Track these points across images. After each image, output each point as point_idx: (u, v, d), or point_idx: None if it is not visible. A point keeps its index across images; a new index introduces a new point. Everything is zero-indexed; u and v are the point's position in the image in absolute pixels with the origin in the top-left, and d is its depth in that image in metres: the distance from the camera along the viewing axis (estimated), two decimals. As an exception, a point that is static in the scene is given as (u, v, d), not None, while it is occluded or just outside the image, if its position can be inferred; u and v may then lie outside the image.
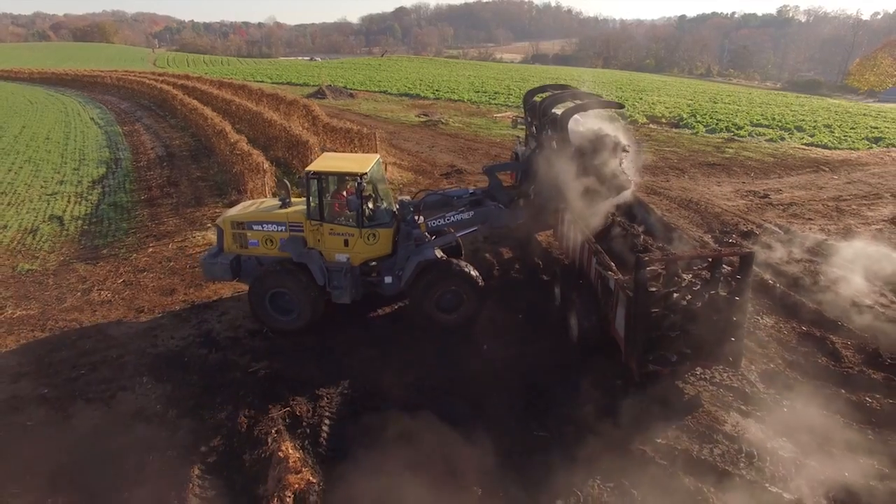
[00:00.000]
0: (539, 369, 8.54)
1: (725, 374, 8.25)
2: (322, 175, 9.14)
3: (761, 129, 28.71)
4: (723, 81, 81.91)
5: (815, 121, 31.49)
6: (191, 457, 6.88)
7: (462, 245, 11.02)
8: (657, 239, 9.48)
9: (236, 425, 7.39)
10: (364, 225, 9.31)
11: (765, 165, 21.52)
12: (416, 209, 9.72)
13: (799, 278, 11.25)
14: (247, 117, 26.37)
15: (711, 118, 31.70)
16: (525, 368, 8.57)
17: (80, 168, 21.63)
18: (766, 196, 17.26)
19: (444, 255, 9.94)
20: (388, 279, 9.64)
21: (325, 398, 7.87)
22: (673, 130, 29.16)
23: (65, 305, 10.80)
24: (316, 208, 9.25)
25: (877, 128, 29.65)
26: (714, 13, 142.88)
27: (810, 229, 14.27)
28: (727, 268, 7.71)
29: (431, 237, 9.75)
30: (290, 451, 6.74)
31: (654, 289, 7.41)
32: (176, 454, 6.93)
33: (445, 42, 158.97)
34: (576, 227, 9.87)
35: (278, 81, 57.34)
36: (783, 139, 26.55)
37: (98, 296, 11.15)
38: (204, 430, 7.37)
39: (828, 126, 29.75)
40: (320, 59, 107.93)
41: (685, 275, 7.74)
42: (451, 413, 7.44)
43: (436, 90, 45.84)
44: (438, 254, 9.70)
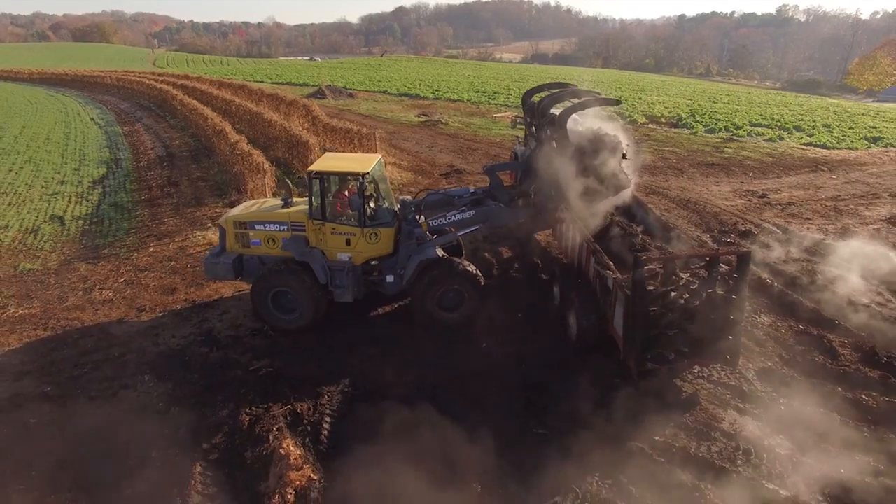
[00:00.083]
0: (538, 368, 8.61)
1: (723, 372, 8.31)
2: (324, 175, 9.19)
3: (760, 129, 28.76)
4: (722, 81, 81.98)
5: (814, 120, 31.55)
6: (193, 454, 6.93)
7: (463, 244, 11.08)
8: (655, 238, 9.54)
9: (238, 423, 7.45)
10: (366, 224, 9.37)
11: (763, 165, 21.58)
12: (418, 208, 9.79)
13: (797, 277, 11.32)
14: (247, 117, 26.40)
15: (710, 118, 31.75)
16: (524, 367, 8.65)
17: (81, 168, 21.66)
18: (765, 196, 17.33)
19: (445, 255, 10.01)
20: (390, 278, 9.71)
21: (326, 396, 7.93)
22: (672, 130, 29.22)
23: (66, 304, 10.86)
24: (318, 208, 9.30)
25: (875, 127, 29.73)
26: (714, 13, 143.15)
27: (808, 229, 14.33)
28: (725, 267, 7.79)
29: (433, 236, 9.81)
30: (292, 449, 6.80)
31: (652, 287, 7.49)
32: (178, 451, 6.98)
33: (445, 42, 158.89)
34: (575, 227, 9.92)
35: (278, 81, 57.35)
36: (782, 139, 26.60)
37: (99, 295, 11.21)
38: (206, 428, 7.43)
39: (827, 126, 29.81)
40: (320, 59, 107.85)
41: (683, 274, 7.81)
42: (451, 411, 7.50)
43: (435, 90, 45.88)
44: (440, 253, 9.76)
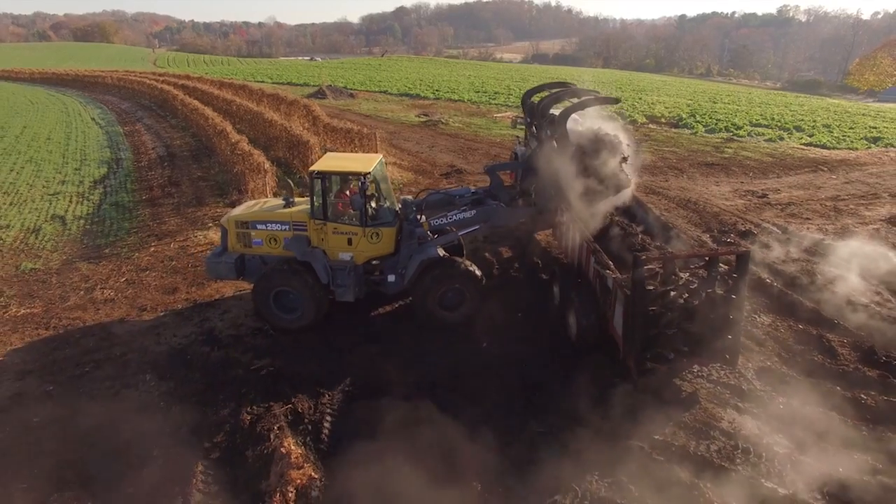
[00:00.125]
0: (538, 367, 8.64)
1: (722, 372, 8.34)
2: (326, 174, 9.22)
3: (760, 129, 28.78)
4: (723, 81, 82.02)
5: (815, 121, 31.57)
6: (194, 452, 6.97)
7: (463, 244, 11.11)
8: (655, 238, 9.56)
9: (239, 422, 7.49)
10: (367, 224, 9.41)
11: (763, 165, 21.61)
12: (419, 208, 9.82)
13: (796, 277, 11.35)
14: (247, 117, 26.43)
15: (711, 118, 31.77)
16: (524, 366, 8.68)
17: (82, 168, 21.70)
18: (765, 196, 17.35)
19: (447, 254, 10.03)
20: (392, 277, 9.74)
21: (327, 395, 7.97)
22: (672, 130, 29.24)
23: (68, 304, 10.90)
24: (320, 207, 9.33)
25: (875, 127, 29.75)
26: (714, 13, 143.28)
27: (808, 229, 14.35)
28: (724, 266, 7.81)
29: (434, 236, 9.85)
30: (293, 447, 6.84)
31: (652, 287, 7.51)
32: (179, 450, 7.01)
33: (445, 42, 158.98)
34: (575, 227, 9.95)
35: (279, 81, 57.39)
36: (782, 139, 26.62)
37: (101, 294, 11.25)
38: (207, 427, 7.46)
39: (827, 126, 29.83)
40: (320, 59, 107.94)
41: (682, 273, 7.84)
42: (452, 409, 7.53)
43: (436, 90, 45.90)
44: (441, 252, 9.79)
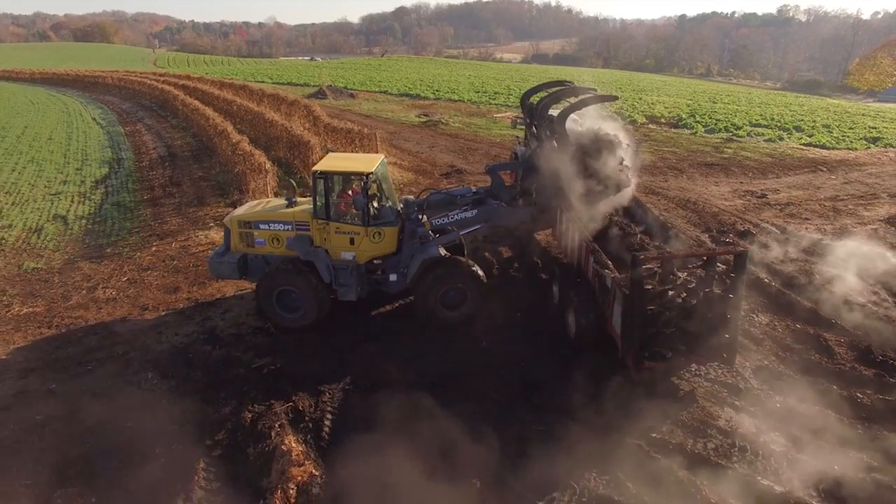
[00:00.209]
0: (537, 365, 8.70)
1: (720, 370, 8.40)
2: (328, 175, 9.28)
3: (760, 130, 28.82)
4: (723, 81, 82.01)
5: (814, 121, 31.60)
6: (196, 450, 7.03)
7: (465, 243, 11.17)
8: (654, 238, 9.62)
9: (240, 419, 7.55)
10: (370, 223, 9.46)
11: (763, 165, 21.65)
12: (421, 208, 9.89)
13: (794, 277, 11.41)
14: (248, 118, 26.49)
15: (710, 118, 31.80)
16: (524, 364, 8.74)
17: (83, 168, 21.76)
18: (764, 196, 17.40)
19: (448, 254, 10.10)
20: (393, 277, 9.80)
21: (328, 393, 8.03)
22: (672, 130, 29.28)
23: (70, 303, 10.96)
24: (322, 207, 9.39)
25: (875, 128, 29.77)
26: (714, 13, 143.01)
27: (807, 229, 14.41)
28: (722, 266, 7.87)
29: (435, 235, 9.91)
30: (293, 445, 6.91)
31: (650, 286, 7.57)
32: (181, 447, 7.08)
33: (445, 42, 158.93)
34: (574, 227, 10.01)
35: (279, 82, 57.41)
36: (782, 139, 26.65)
37: (103, 294, 11.31)
38: (209, 424, 7.53)
39: (826, 126, 29.86)
40: (321, 60, 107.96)
41: (681, 273, 7.89)
42: (452, 407, 7.59)
43: (436, 90, 45.94)
44: (442, 252, 9.85)
